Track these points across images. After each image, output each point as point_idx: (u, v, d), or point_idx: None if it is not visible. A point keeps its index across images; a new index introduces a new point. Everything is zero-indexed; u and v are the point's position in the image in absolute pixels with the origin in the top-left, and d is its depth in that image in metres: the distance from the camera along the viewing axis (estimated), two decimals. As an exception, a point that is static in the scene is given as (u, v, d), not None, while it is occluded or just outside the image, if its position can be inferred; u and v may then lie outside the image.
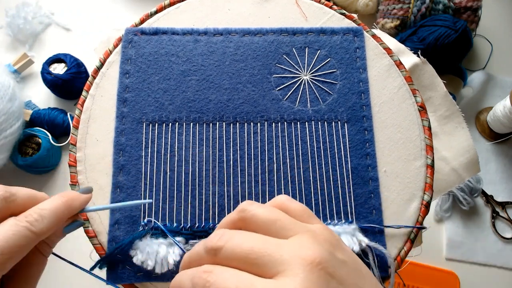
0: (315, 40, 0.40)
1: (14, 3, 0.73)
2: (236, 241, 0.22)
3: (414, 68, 0.45)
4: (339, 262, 0.21)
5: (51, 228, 0.25)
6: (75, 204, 0.27)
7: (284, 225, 0.23)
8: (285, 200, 0.26)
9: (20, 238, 0.23)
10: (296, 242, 0.21)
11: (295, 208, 0.25)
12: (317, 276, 0.20)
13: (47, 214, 0.25)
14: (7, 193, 0.25)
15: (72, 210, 0.27)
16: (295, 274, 0.19)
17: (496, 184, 0.68)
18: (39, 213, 0.25)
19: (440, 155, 0.44)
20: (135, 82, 0.38)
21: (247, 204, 0.24)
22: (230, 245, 0.21)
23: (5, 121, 0.54)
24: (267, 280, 0.20)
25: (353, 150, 0.36)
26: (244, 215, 0.24)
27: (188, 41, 0.39)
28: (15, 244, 0.23)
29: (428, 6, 0.67)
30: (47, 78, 0.63)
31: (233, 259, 0.21)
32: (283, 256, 0.20)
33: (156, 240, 0.32)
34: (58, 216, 0.25)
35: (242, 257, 0.21)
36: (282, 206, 0.25)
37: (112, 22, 0.74)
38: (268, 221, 0.23)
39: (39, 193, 0.27)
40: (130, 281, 0.32)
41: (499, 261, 0.64)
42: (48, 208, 0.25)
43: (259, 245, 0.21)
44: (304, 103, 0.37)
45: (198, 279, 0.20)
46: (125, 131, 0.36)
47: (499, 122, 0.67)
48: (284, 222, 0.23)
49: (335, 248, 0.22)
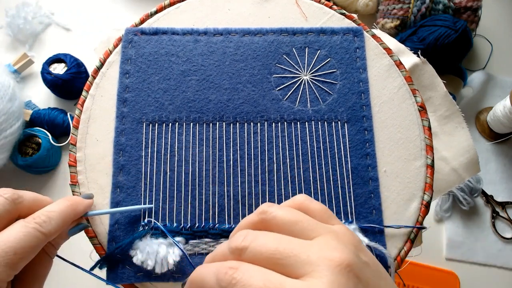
0: (315, 40, 0.40)
1: (14, 3, 0.73)
2: (261, 241, 0.21)
3: (414, 68, 0.45)
4: (363, 264, 0.21)
5: (59, 229, 0.26)
6: (80, 208, 0.28)
7: (306, 227, 0.22)
8: (304, 199, 0.25)
9: (31, 239, 0.24)
10: (321, 243, 0.21)
11: (314, 208, 0.24)
12: (346, 278, 0.19)
13: (55, 216, 0.26)
14: (15, 195, 0.25)
15: (77, 213, 0.28)
16: (323, 275, 0.19)
17: (496, 184, 0.68)
18: (47, 215, 0.26)
19: (440, 155, 0.44)
20: (135, 82, 0.38)
21: (267, 206, 0.24)
22: (255, 245, 0.21)
23: (5, 121, 0.54)
24: (295, 280, 0.19)
25: (353, 150, 0.36)
26: (265, 217, 0.23)
27: (188, 41, 0.39)
28: (26, 245, 0.24)
29: (428, 6, 0.67)
30: (47, 78, 0.63)
31: (259, 259, 0.21)
32: (310, 257, 0.20)
33: (156, 240, 0.32)
34: (64, 218, 0.26)
35: (268, 257, 0.20)
36: (302, 206, 0.25)
37: (112, 22, 0.74)
38: (289, 223, 0.22)
39: (44, 197, 0.28)
40: (130, 281, 0.32)
41: (499, 261, 0.64)
42: (55, 210, 0.26)
43: (285, 245, 0.21)
44: (304, 103, 0.37)
45: (224, 275, 0.20)
46: (125, 131, 0.36)
47: (499, 122, 0.67)
48: (305, 224, 0.22)
49: (358, 249, 0.22)
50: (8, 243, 0.23)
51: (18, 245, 0.23)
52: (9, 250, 0.23)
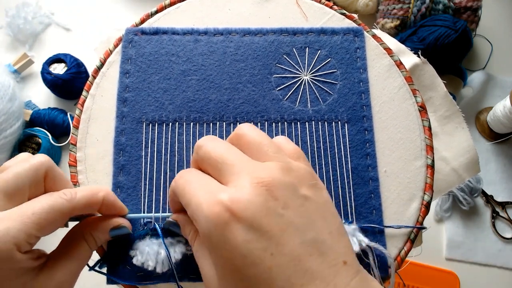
0: (315, 40, 0.40)
1: (14, 3, 0.73)
2: (214, 144, 0.25)
3: (414, 68, 0.45)
4: (294, 193, 0.23)
5: (83, 203, 0.27)
6: (109, 197, 0.29)
7: (263, 149, 0.25)
8: (282, 139, 0.27)
9: (54, 202, 0.25)
10: (263, 164, 0.23)
11: (288, 147, 0.26)
12: (258, 193, 0.21)
13: (79, 193, 0.27)
14: (43, 165, 0.27)
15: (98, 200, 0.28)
16: (241, 185, 0.22)
17: (496, 184, 0.68)
18: (71, 191, 0.27)
19: (440, 155, 0.44)
20: (135, 82, 0.38)
21: (245, 125, 0.27)
22: (208, 146, 0.25)
23: (5, 121, 0.54)
24: (220, 184, 0.23)
25: (353, 150, 0.36)
26: (238, 132, 0.26)
27: (189, 41, 0.39)
28: (48, 205, 0.25)
29: (428, 6, 0.67)
30: (47, 78, 0.63)
31: (207, 158, 0.25)
32: (242, 169, 0.23)
33: (156, 240, 0.32)
34: (89, 196, 0.28)
35: (211, 158, 0.24)
36: (279, 141, 0.27)
37: (112, 22, 0.74)
38: (253, 141, 0.25)
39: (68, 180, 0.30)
40: (130, 281, 0.32)
41: (499, 261, 0.64)
42: (78, 190, 0.28)
43: (230, 155, 0.24)
44: (304, 103, 0.37)
45: (176, 178, 0.26)
46: (125, 131, 0.36)
47: (499, 122, 0.67)
48: (265, 148, 0.25)
49: (301, 183, 0.23)
50: (37, 203, 0.25)
51: (46, 205, 0.25)
52: (38, 210, 0.25)
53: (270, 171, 0.23)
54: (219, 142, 0.26)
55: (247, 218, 0.21)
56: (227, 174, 0.23)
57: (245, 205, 0.21)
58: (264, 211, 0.21)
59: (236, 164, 0.23)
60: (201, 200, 0.23)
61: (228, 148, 0.25)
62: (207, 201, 0.22)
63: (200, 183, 0.24)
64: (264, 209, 0.21)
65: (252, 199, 0.21)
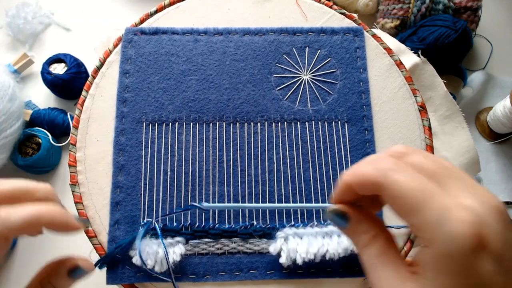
0: (315, 39, 0.39)
1: (14, 3, 0.73)
2: (419, 155, 0.21)
3: (414, 68, 0.45)
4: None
5: (20, 227, 0.23)
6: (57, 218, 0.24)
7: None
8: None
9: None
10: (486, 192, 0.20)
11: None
12: (504, 218, 0.19)
13: (17, 213, 0.23)
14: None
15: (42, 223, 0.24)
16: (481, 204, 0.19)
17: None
18: (9, 210, 0.23)
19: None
20: (135, 82, 0.38)
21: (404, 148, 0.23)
22: (416, 155, 0.21)
23: (5, 121, 0.54)
24: (449, 196, 0.19)
25: (354, 150, 0.36)
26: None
27: (188, 40, 0.39)
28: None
29: (428, 6, 0.67)
30: (47, 78, 0.63)
31: (420, 165, 0.21)
32: (473, 184, 0.20)
33: (156, 240, 0.32)
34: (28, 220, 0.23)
35: (426, 168, 0.20)
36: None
37: (112, 22, 0.74)
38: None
39: (34, 187, 0.25)
40: (130, 281, 0.32)
41: (499, 261, 0.63)
42: (18, 209, 0.23)
43: (440, 168, 0.21)
44: (304, 103, 0.37)
45: (384, 164, 0.20)
46: (125, 131, 0.36)
47: (499, 122, 0.67)
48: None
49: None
50: None
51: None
52: None
53: (494, 198, 0.20)
54: (426, 155, 0.22)
55: (497, 250, 0.19)
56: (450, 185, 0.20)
57: (495, 233, 0.19)
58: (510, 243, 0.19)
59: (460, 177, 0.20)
60: (448, 205, 0.19)
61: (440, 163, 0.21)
62: (456, 213, 0.18)
63: (431, 186, 0.20)
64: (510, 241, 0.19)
65: (498, 228, 0.19)
